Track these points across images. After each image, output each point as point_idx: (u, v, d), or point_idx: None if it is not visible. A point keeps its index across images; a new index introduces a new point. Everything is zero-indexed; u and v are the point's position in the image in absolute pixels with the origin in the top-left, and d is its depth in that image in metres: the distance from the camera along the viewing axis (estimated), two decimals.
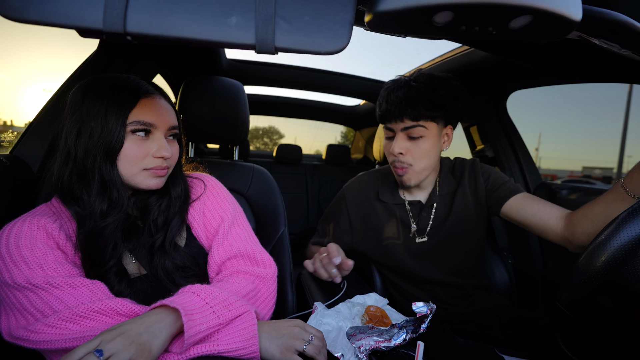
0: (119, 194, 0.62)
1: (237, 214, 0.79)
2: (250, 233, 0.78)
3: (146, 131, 0.64)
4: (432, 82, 0.90)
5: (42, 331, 0.51)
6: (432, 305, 0.70)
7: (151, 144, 0.64)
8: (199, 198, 0.77)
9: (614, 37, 0.50)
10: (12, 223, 0.60)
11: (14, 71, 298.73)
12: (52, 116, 0.91)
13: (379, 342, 0.65)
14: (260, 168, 1.08)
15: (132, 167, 0.63)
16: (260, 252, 0.75)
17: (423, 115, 0.89)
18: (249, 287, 0.67)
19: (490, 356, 0.79)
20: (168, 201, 0.71)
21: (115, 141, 0.60)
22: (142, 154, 0.63)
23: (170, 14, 0.35)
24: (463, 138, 1.65)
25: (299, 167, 2.76)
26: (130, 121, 0.61)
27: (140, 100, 0.63)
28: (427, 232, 1.01)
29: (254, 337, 0.56)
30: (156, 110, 0.65)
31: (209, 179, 0.82)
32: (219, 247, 0.72)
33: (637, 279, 0.44)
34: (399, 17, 0.39)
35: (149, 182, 0.65)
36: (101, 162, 0.61)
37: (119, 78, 0.64)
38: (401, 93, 0.89)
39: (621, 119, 59.39)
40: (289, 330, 0.61)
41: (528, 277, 1.31)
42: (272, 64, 1.87)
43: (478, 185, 1.00)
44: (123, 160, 0.62)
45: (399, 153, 0.91)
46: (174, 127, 0.68)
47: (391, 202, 1.04)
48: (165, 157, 0.65)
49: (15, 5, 0.33)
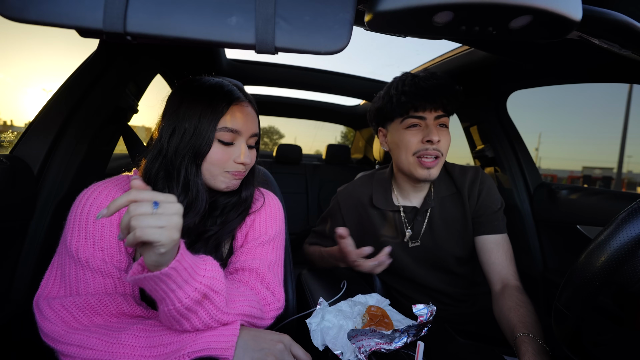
0: (199, 195, 0.65)
1: (278, 237, 0.79)
2: (279, 261, 0.77)
3: (232, 140, 0.66)
4: (449, 79, 0.92)
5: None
6: (433, 307, 0.70)
7: (234, 149, 0.67)
8: (255, 212, 0.78)
9: (614, 37, 0.50)
10: (96, 185, 0.65)
11: (14, 71, 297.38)
12: (52, 116, 0.91)
13: (379, 344, 0.65)
14: (260, 168, 1.08)
15: (215, 170, 0.66)
16: (275, 283, 0.71)
17: (451, 107, 0.91)
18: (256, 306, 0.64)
19: (490, 356, 0.79)
20: (237, 200, 0.74)
21: (205, 144, 0.64)
22: (225, 159, 0.66)
23: (170, 14, 0.35)
24: (463, 138, 1.65)
25: (299, 167, 2.76)
26: (219, 127, 0.64)
27: (232, 107, 0.66)
28: (421, 236, 1.00)
29: (231, 347, 0.53)
30: (244, 118, 0.67)
31: (270, 196, 0.84)
32: (242, 254, 0.71)
33: (637, 279, 0.44)
34: (399, 17, 0.39)
35: (228, 184, 0.68)
36: (188, 162, 0.64)
37: (214, 82, 0.68)
38: (432, 82, 0.90)
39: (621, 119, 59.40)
40: (270, 346, 0.57)
41: (528, 277, 1.31)
42: (272, 64, 1.87)
43: (471, 197, 0.99)
44: (208, 162, 0.65)
45: (437, 141, 0.90)
46: (255, 134, 0.71)
47: (385, 208, 1.03)
48: (246, 164, 0.68)
49: (15, 5, 0.33)
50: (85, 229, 0.60)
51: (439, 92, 0.88)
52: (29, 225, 0.86)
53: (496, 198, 0.98)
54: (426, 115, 0.91)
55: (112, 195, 0.65)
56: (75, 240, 0.59)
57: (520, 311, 0.77)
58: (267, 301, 0.67)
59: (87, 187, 0.70)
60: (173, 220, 0.45)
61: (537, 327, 0.73)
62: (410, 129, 0.93)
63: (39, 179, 0.88)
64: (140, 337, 0.53)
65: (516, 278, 0.90)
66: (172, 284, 0.48)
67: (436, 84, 0.89)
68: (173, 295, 0.49)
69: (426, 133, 0.90)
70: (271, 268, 0.72)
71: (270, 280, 0.70)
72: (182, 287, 0.49)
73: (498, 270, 0.91)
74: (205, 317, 0.53)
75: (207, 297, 0.52)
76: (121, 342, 0.52)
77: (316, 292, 0.90)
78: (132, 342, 0.52)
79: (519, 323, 0.74)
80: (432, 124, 0.91)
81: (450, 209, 1.00)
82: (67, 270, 0.59)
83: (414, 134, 0.93)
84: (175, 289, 0.49)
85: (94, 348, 0.52)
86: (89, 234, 0.60)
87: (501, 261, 0.92)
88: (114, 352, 0.51)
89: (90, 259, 0.58)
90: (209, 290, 0.52)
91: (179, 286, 0.49)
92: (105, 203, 0.63)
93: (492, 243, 0.94)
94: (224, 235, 0.71)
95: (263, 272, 0.70)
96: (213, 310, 0.54)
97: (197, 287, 0.51)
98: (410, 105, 0.91)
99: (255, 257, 0.71)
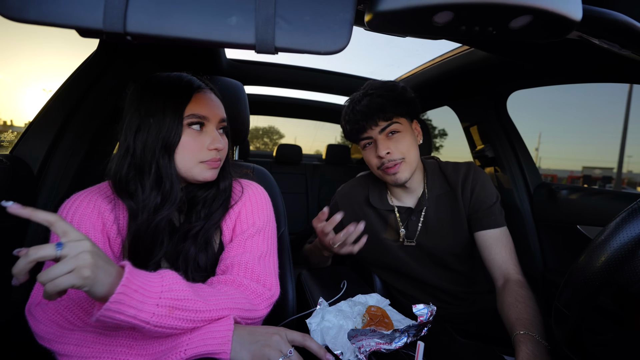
0: (173, 186, 0.65)
1: (267, 227, 0.77)
2: (270, 250, 0.75)
3: (200, 124, 0.66)
4: (385, 86, 0.95)
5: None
6: (433, 307, 0.70)
7: (205, 137, 0.67)
8: (237, 203, 0.77)
9: (614, 37, 0.50)
10: (77, 195, 0.66)
11: (14, 71, 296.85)
12: (52, 116, 0.91)
13: (379, 344, 0.65)
14: (260, 168, 1.08)
15: (189, 160, 0.66)
16: (265, 274, 0.70)
17: (393, 113, 0.93)
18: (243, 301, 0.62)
19: (491, 356, 0.79)
20: (215, 192, 0.73)
21: (174, 135, 0.64)
22: (198, 147, 0.66)
23: (170, 14, 0.35)
24: (463, 138, 1.65)
25: (299, 167, 2.76)
26: (186, 114, 0.64)
27: (195, 95, 0.66)
28: (416, 237, 1.01)
29: (227, 342, 0.53)
30: (208, 104, 0.67)
31: (251, 186, 0.82)
32: (232, 249, 0.71)
33: (637, 279, 0.44)
34: (399, 17, 0.39)
35: (205, 174, 0.68)
36: (159, 155, 0.64)
37: (172, 76, 0.68)
38: (365, 102, 0.93)
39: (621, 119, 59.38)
40: (266, 338, 0.57)
41: (528, 277, 1.30)
42: (272, 64, 1.86)
43: (465, 193, 0.99)
44: (181, 153, 0.65)
45: (386, 153, 0.93)
46: (223, 119, 0.71)
47: (381, 207, 1.05)
48: (219, 149, 0.68)
49: (15, 5, 0.33)
50: None
51: (371, 109, 0.92)
52: (29, 225, 0.86)
53: (491, 192, 0.98)
54: (370, 134, 0.95)
55: (94, 203, 0.65)
56: None
57: (519, 307, 0.77)
58: (257, 293, 0.66)
59: (87, 187, 0.70)
60: (81, 260, 0.43)
61: (535, 322, 0.72)
62: (366, 148, 0.99)
63: (39, 179, 0.88)
64: (136, 336, 0.53)
65: (517, 272, 0.89)
66: (130, 310, 0.46)
67: (368, 103, 0.93)
68: (137, 320, 0.47)
69: (378, 148, 0.95)
70: (261, 260, 0.71)
71: (260, 272, 0.69)
72: (142, 309, 0.47)
73: (499, 265, 0.91)
74: (185, 324, 0.52)
75: (176, 307, 0.51)
76: (118, 340, 0.52)
77: (316, 292, 0.90)
78: (129, 342, 0.53)
79: (517, 321, 0.74)
80: (380, 138, 0.94)
81: (445, 208, 1.00)
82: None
83: (370, 152, 0.98)
84: (136, 314, 0.47)
85: (91, 346, 0.52)
86: None
87: (502, 256, 0.92)
88: (111, 350, 0.51)
89: None
90: (173, 301, 0.50)
91: (138, 309, 0.47)
92: (88, 211, 0.64)
93: (491, 238, 0.94)
94: (210, 228, 0.71)
95: (252, 266, 0.69)
96: (190, 315, 0.52)
97: (159, 302, 0.49)
98: (355, 130, 0.97)
99: (245, 250, 0.70)
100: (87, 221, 0.63)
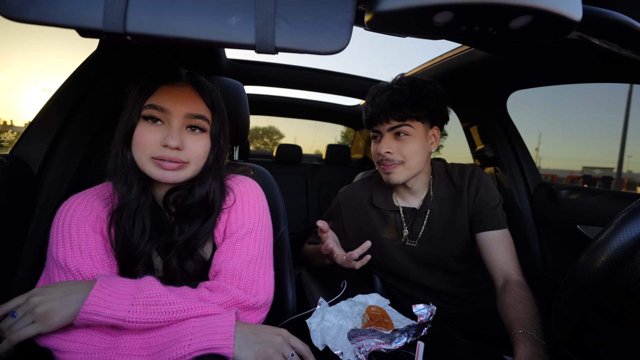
0: (130, 177, 0.65)
1: (259, 227, 0.72)
2: (261, 253, 0.70)
3: (155, 118, 0.63)
4: (414, 84, 0.93)
5: None
6: (433, 307, 0.70)
7: (162, 132, 0.63)
8: (226, 206, 0.74)
9: (614, 37, 0.50)
10: (74, 197, 0.66)
11: (14, 71, 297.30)
12: (52, 116, 0.91)
13: (379, 344, 0.65)
14: (260, 168, 1.08)
15: (141, 154, 0.63)
16: (252, 280, 0.66)
17: (408, 116, 0.91)
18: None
19: (491, 356, 0.79)
20: (192, 201, 0.68)
21: (129, 123, 0.63)
22: (150, 141, 0.62)
23: (170, 14, 0.35)
24: (463, 138, 1.65)
25: (299, 167, 2.76)
26: (145, 104, 0.63)
27: (161, 87, 0.65)
28: (419, 238, 1.01)
29: (230, 337, 0.53)
30: (174, 97, 0.64)
31: (240, 184, 0.77)
32: (221, 254, 0.68)
33: (637, 279, 0.44)
34: (399, 17, 0.39)
35: (155, 173, 0.63)
36: (122, 144, 0.64)
37: (161, 68, 0.68)
38: (385, 96, 0.92)
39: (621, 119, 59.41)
40: (270, 338, 0.56)
41: (528, 277, 1.30)
42: (272, 64, 1.87)
43: (469, 195, 0.99)
44: (134, 145, 0.64)
45: (386, 152, 0.93)
46: (194, 116, 0.64)
47: (385, 207, 1.05)
48: (171, 147, 0.61)
49: (15, 5, 0.33)
50: (70, 240, 0.60)
51: (388, 105, 0.91)
52: (29, 225, 0.86)
53: (494, 194, 0.99)
54: (380, 129, 0.96)
55: (91, 205, 0.65)
56: (61, 251, 0.59)
57: (518, 307, 0.77)
58: (237, 301, 0.62)
59: (87, 187, 0.70)
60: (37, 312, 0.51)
61: (534, 322, 0.73)
62: (374, 140, 1.00)
63: (38, 179, 0.88)
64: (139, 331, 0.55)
65: (518, 273, 0.90)
66: (106, 310, 0.51)
67: (387, 98, 0.92)
68: (115, 319, 0.52)
69: (380, 145, 0.95)
70: (251, 264, 0.67)
71: (247, 279, 0.65)
72: (118, 308, 0.52)
73: (500, 267, 0.91)
74: (162, 316, 0.54)
75: (149, 304, 0.54)
76: (122, 336, 0.54)
77: (316, 292, 0.90)
78: (132, 337, 0.54)
79: (516, 320, 0.74)
80: (386, 136, 0.95)
81: (448, 210, 1.00)
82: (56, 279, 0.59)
83: (375, 145, 0.99)
84: (112, 313, 0.51)
85: (95, 343, 0.53)
86: (74, 244, 0.60)
87: (502, 257, 0.92)
88: (115, 345, 0.53)
89: (80, 267, 0.58)
90: (147, 299, 0.54)
91: (114, 309, 0.52)
92: (86, 213, 0.64)
93: (492, 239, 0.94)
94: (195, 241, 0.69)
95: (240, 272, 0.65)
96: (165, 307, 0.55)
97: (133, 302, 0.53)
98: (368, 120, 0.97)
99: (234, 254, 0.67)
100: (86, 224, 0.63)
